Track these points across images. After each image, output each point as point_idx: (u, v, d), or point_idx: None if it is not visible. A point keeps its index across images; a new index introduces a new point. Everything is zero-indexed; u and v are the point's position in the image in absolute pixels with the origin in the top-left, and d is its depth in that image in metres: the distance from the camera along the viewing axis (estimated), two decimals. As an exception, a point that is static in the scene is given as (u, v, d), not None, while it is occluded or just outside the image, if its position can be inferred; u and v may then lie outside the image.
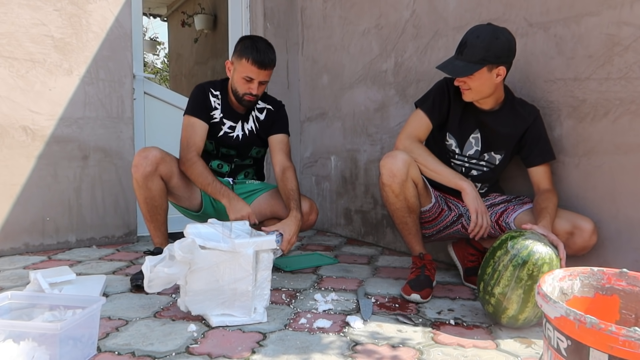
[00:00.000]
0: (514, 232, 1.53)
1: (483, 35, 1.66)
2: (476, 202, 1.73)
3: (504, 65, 1.69)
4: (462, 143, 1.89)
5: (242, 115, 2.17)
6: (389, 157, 1.79)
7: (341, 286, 1.97)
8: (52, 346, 1.16)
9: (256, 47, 1.98)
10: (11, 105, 2.54)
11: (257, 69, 1.98)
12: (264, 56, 1.97)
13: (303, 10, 3.50)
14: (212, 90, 2.13)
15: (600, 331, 0.81)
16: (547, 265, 1.41)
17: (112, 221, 2.84)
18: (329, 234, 3.21)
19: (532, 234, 1.49)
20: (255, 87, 2.02)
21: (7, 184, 2.54)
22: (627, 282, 1.12)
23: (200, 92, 2.11)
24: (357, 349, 1.36)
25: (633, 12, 1.60)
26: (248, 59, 1.97)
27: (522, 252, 1.44)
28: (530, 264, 1.42)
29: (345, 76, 3.07)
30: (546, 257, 1.43)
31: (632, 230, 1.63)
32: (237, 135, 2.16)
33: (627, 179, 1.64)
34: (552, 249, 1.46)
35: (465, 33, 1.73)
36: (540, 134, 1.81)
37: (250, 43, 2.00)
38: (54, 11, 2.64)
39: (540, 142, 1.80)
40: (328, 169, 3.27)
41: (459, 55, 1.71)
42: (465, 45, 1.69)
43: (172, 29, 6.98)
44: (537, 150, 1.80)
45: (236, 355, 1.31)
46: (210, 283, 1.51)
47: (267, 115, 2.21)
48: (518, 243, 1.46)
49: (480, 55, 1.65)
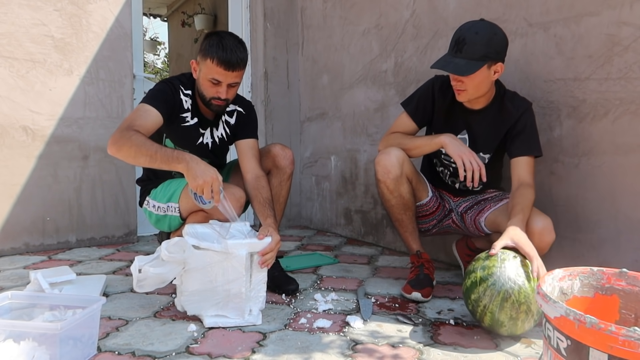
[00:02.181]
0: (483, 267, 1.42)
1: (482, 31, 1.62)
2: (459, 149, 1.69)
3: (502, 61, 1.67)
4: None
5: (211, 121, 1.95)
6: (383, 154, 1.79)
7: (341, 286, 1.97)
8: (52, 346, 1.16)
9: (222, 45, 1.70)
10: (11, 105, 2.54)
11: (224, 70, 1.72)
12: (232, 55, 1.70)
13: (303, 10, 3.50)
14: (183, 89, 1.86)
15: (600, 331, 0.82)
16: (524, 294, 1.35)
17: (112, 221, 2.84)
18: (329, 234, 3.21)
19: (501, 261, 1.40)
20: (224, 90, 1.76)
21: (7, 184, 2.54)
22: (627, 282, 1.12)
23: (170, 87, 1.82)
24: (357, 348, 1.36)
25: (633, 12, 1.60)
26: (213, 59, 1.71)
27: (495, 300, 1.36)
28: (508, 305, 1.35)
29: (345, 76, 3.07)
30: (520, 292, 1.35)
31: (632, 230, 1.63)
32: (207, 142, 1.96)
33: (627, 179, 1.64)
34: (522, 272, 1.38)
35: (458, 30, 1.67)
36: (525, 126, 1.72)
37: (216, 40, 1.73)
38: (54, 11, 2.64)
39: (523, 134, 1.72)
40: (328, 169, 3.28)
41: (458, 53, 1.63)
42: (464, 42, 1.62)
43: (172, 29, 6.99)
44: (518, 141, 1.72)
45: (236, 355, 1.31)
46: (204, 283, 1.51)
47: (238, 119, 2.00)
48: (488, 289, 1.38)
49: (482, 52, 1.60)
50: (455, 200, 1.98)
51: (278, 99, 3.48)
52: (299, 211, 3.60)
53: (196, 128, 1.91)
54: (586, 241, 1.76)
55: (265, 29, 3.41)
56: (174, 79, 1.88)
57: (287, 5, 3.52)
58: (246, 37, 3.48)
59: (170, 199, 1.89)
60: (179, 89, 1.85)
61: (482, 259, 1.46)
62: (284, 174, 2.01)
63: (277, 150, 2.01)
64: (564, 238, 1.82)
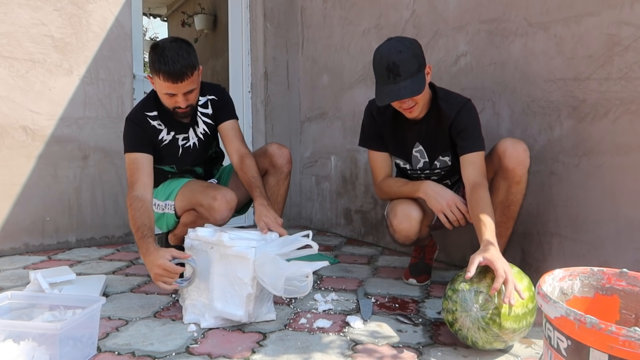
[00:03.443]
0: (448, 310, 1.35)
1: (402, 47, 1.61)
2: (438, 202, 1.70)
3: (426, 62, 1.69)
4: (408, 160, 1.91)
5: (189, 123, 1.94)
6: (406, 221, 1.79)
7: (341, 286, 1.97)
8: (52, 346, 1.16)
9: (164, 59, 1.66)
10: (11, 105, 2.54)
11: (172, 84, 1.69)
12: (175, 66, 1.66)
13: (303, 10, 3.50)
14: (148, 114, 1.87)
15: (600, 331, 0.81)
16: (488, 339, 1.29)
17: (112, 221, 2.84)
18: (329, 234, 3.21)
19: (462, 310, 1.30)
20: (182, 100, 1.75)
21: (7, 184, 2.54)
22: (627, 282, 1.12)
23: (135, 124, 1.86)
24: (357, 348, 1.36)
25: (633, 12, 1.60)
26: (159, 74, 1.68)
27: (468, 339, 1.32)
28: (480, 345, 1.31)
29: (345, 76, 3.07)
30: (485, 340, 1.29)
31: (632, 230, 1.62)
32: (193, 143, 1.97)
33: (627, 179, 1.64)
34: (488, 301, 1.28)
35: (380, 60, 1.63)
36: (464, 125, 1.72)
37: (158, 55, 1.68)
38: (54, 11, 2.64)
39: (464, 132, 1.71)
40: (328, 169, 3.27)
41: (398, 78, 1.60)
42: (397, 66, 1.59)
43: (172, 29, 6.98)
44: (460, 140, 1.72)
45: (236, 355, 1.31)
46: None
47: (213, 106, 1.97)
48: (458, 334, 1.33)
49: (415, 65, 1.61)
50: None
51: (278, 99, 3.48)
52: (299, 211, 3.60)
53: (174, 141, 1.93)
54: (586, 241, 1.75)
55: (265, 29, 3.41)
56: (137, 108, 1.91)
57: (287, 5, 3.52)
58: (246, 37, 3.49)
59: (168, 197, 1.92)
60: (144, 117, 1.87)
61: (447, 296, 1.38)
62: (281, 173, 2.00)
63: (273, 149, 2.00)
64: (564, 238, 1.82)
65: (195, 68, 1.72)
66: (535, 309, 1.33)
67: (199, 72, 1.78)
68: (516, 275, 1.33)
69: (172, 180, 1.99)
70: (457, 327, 1.32)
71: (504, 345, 1.32)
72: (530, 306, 1.31)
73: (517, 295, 1.27)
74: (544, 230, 1.90)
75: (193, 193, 1.87)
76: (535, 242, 1.94)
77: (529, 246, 1.96)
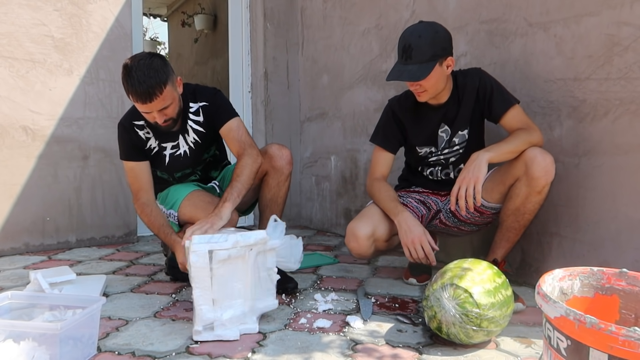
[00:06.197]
0: (428, 309, 1.39)
1: (424, 33, 1.67)
2: (406, 235, 1.75)
3: (451, 54, 1.72)
4: (434, 142, 1.91)
5: (178, 131, 1.90)
6: (353, 240, 1.86)
7: (341, 286, 1.97)
8: (52, 346, 1.16)
9: (131, 80, 1.62)
10: (11, 105, 2.54)
11: (142, 104, 1.66)
12: (141, 87, 1.61)
13: (303, 10, 3.50)
14: (135, 123, 1.86)
15: (600, 331, 0.81)
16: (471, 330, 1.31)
17: (112, 221, 2.84)
18: (329, 234, 3.21)
19: (438, 306, 1.34)
20: (158, 116, 1.70)
21: (7, 184, 2.54)
22: (627, 282, 1.12)
23: (124, 131, 1.88)
24: (357, 348, 1.36)
25: (633, 12, 1.60)
26: (129, 95, 1.66)
27: (458, 327, 1.31)
28: (465, 314, 1.31)
29: (345, 76, 3.07)
30: (467, 333, 1.31)
31: (632, 230, 1.62)
32: (183, 151, 1.94)
33: (627, 179, 1.64)
34: (457, 289, 1.32)
35: (402, 38, 1.72)
36: (489, 87, 1.77)
37: (125, 75, 1.64)
38: (54, 11, 2.64)
39: (493, 94, 1.77)
40: (328, 169, 3.28)
41: (408, 60, 1.68)
42: (410, 49, 1.66)
43: (172, 29, 6.99)
44: (493, 102, 1.77)
45: (236, 355, 1.31)
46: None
47: (205, 113, 1.92)
48: (448, 327, 1.33)
49: (430, 53, 1.66)
50: (443, 200, 1.97)
51: (278, 99, 3.48)
52: (299, 211, 3.60)
53: (161, 150, 1.92)
54: (586, 241, 1.76)
55: (265, 29, 3.41)
56: (127, 114, 1.91)
57: (287, 5, 3.52)
58: (246, 37, 3.49)
59: (172, 207, 1.93)
60: (131, 126, 1.88)
61: (424, 307, 1.42)
62: (281, 174, 1.97)
63: (273, 150, 1.98)
64: (564, 238, 1.82)
65: (164, 85, 1.65)
66: (506, 283, 1.38)
67: (176, 84, 1.75)
68: (474, 262, 1.42)
69: (177, 188, 1.97)
70: (445, 329, 1.34)
71: (497, 326, 1.32)
72: (498, 280, 1.36)
73: (473, 202, 1.57)
74: (544, 230, 1.90)
75: (196, 209, 1.86)
76: (535, 242, 1.94)
77: (528, 246, 1.96)
